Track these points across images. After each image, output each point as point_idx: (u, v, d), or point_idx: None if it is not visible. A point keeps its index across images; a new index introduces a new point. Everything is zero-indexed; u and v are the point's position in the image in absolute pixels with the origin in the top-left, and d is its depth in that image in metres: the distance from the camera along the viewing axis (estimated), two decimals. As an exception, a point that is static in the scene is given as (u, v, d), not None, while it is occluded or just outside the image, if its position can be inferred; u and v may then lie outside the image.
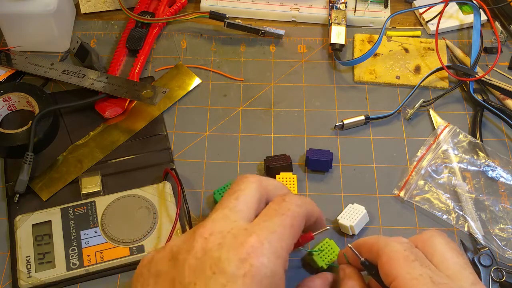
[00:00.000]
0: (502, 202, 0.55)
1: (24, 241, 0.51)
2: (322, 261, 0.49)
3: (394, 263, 0.38)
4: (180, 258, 0.38)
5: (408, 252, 0.39)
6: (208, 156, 0.59)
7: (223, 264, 0.36)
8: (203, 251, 0.38)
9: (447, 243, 0.41)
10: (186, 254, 0.38)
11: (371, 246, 0.41)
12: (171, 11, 0.69)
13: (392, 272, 0.38)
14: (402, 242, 0.40)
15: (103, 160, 0.58)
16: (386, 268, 0.39)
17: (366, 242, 0.42)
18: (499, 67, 0.66)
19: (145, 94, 0.60)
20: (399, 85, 0.65)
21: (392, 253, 0.39)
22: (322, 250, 0.50)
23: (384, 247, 0.40)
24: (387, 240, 0.41)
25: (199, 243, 0.38)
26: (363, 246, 0.43)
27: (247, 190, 0.42)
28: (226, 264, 0.36)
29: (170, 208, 0.53)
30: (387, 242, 0.40)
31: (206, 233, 0.39)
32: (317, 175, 0.57)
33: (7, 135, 0.57)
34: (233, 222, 0.39)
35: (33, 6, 0.61)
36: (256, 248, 0.37)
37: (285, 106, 0.63)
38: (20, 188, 0.54)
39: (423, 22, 0.70)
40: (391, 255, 0.39)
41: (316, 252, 0.50)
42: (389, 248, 0.40)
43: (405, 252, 0.39)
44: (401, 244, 0.40)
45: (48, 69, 0.63)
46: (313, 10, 0.71)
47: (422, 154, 0.58)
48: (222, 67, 0.66)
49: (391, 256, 0.39)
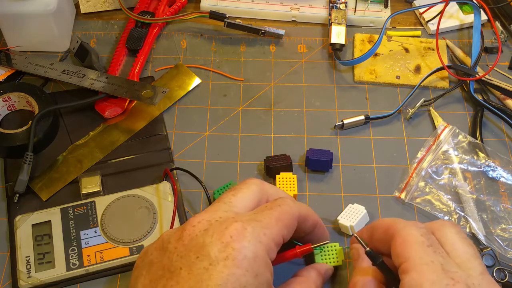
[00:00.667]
0: (503, 202, 0.55)
1: (24, 241, 0.51)
2: (321, 261, 0.49)
3: (408, 246, 0.39)
4: (170, 246, 0.40)
5: (424, 238, 0.39)
6: (208, 156, 0.59)
7: (206, 248, 0.38)
8: (189, 238, 0.39)
9: (458, 233, 0.41)
10: (175, 242, 0.40)
11: (387, 228, 0.42)
12: (171, 11, 0.69)
13: (405, 254, 0.38)
14: (419, 227, 0.40)
15: (103, 160, 0.58)
16: (399, 249, 0.39)
17: (381, 224, 0.43)
18: (500, 67, 0.66)
19: (145, 94, 0.60)
20: (399, 85, 0.65)
21: (408, 236, 0.39)
22: (322, 249, 0.50)
23: (401, 229, 0.40)
24: (405, 223, 0.41)
25: (187, 231, 0.40)
26: (378, 227, 0.43)
27: (246, 190, 0.44)
28: (209, 248, 0.38)
29: (170, 208, 0.53)
30: (405, 225, 0.41)
31: (195, 221, 0.40)
32: (317, 175, 0.57)
33: (7, 135, 0.57)
34: (224, 212, 0.41)
35: (33, 6, 0.61)
36: (238, 232, 0.38)
37: (285, 106, 0.63)
38: (20, 188, 0.54)
39: (423, 22, 0.70)
40: (407, 237, 0.39)
41: (317, 250, 0.50)
42: (405, 231, 0.40)
43: (421, 237, 0.39)
44: (418, 229, 0.40)
45: (48, 69, 0.63)
46: (313, 10, 0.70)
47: (422, 155, 0.58)
48: (222, 67, 0.66)
49: (407, 238, 0.39)
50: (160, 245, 0.41)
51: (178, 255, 0.39)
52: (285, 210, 0.42)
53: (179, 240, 0.40)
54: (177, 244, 0.39)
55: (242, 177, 0.57)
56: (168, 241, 0.40)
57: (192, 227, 0.40)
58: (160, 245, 0.41)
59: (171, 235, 0.41)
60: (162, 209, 0.53)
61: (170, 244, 0.40)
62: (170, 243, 0.40)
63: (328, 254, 0.50)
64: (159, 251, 0.41)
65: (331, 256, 0.50)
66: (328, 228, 0.53)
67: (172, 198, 0.54)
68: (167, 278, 0.38)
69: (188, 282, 0.37)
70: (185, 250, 0.39)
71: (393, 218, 0.43)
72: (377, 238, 0.43)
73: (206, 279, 0.37)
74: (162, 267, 0.39)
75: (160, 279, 0.39)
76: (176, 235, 0.40)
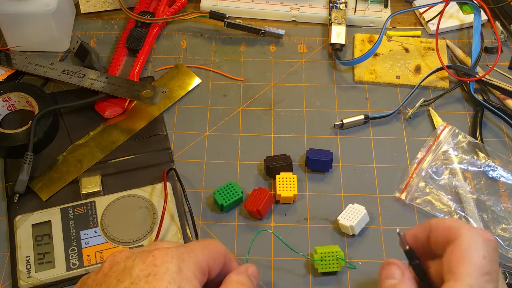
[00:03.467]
0: (503, 202, 0.55)
1: (24, 241, 0.51)
2: (321, 266, 0.50)
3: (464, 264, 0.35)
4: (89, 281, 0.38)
5: (486, 261, 0.35)
6: (208, 156, 0.59)
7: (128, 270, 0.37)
8: (109, 266, 0.38)
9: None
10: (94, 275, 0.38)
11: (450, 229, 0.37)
12: (171, 11, 0.69)
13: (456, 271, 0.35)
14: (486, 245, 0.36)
15: (103, 160, 0.58)
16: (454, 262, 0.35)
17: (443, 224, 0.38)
18: (500, 67, 0.66)
19: (145, 94, 0.60)
20: (399, 85, 0.64)
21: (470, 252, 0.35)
22: (323, 260, 0.50)
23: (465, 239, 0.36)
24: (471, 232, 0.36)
25: (107, 262, 0.38)
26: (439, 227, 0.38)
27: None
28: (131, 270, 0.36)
29: (170, 208, 0.53)
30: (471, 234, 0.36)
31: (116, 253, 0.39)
32: (317, 175, 0.57)
33: (7, 135, 0.57)
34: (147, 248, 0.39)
35: (33, 6, 0.61)
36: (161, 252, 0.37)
37: (285, 106, 0.63)
38: (20, 188, 0.54)
39: (423, 22, 0.70)
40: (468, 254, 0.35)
41: (318, 256, 0.50)
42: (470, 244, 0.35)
43: (483, 260, 0.35)
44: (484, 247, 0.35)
45: (48, 69, 0.63)
46: (313, 10, 0.70)
47: (422, 156, 0.58)
48: (222, 67, 0.66)
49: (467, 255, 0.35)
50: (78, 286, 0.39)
51: (97, 284, 0.37)
52: (213, 243, 0.41)
53: (99, 272, 0.38)
54: (96, 277, 0.38)
55: (242, 177, 0.57)
56: (87, 277, 0.39)
57: (113, 257, 0.39)
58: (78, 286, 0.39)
59: (90, 273, 0.39)
60: (162, 209, 0.53)
61: (89, 279, 0.38)
62: (89, 278, 0.38)
63: (329, 259, 0.50)
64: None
65: (331, 260, 0.50)
66: (328, 228, 0.53)
67: (172, 198, 0.54)
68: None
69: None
70: (104, 277, 0.37)
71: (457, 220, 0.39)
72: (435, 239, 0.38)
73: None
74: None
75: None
76: (95, 271, 0.39)
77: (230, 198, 0.54)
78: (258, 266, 0.43)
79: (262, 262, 0.51)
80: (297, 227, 0.54)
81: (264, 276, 0.51)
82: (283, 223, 0.54)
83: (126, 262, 0.37)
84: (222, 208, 0.54)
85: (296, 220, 0.54)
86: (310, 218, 0.54)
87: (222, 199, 0.54)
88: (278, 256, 0.52)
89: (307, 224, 0.54)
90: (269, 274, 0.51)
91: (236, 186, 0.55)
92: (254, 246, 0.51)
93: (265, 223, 0.54)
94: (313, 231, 0.53)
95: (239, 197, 0.54)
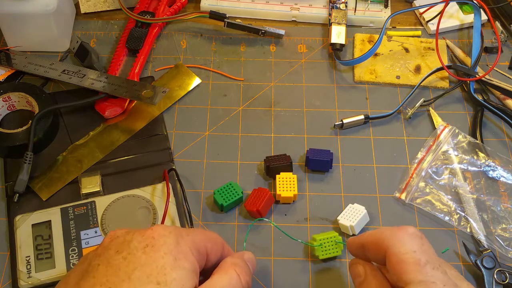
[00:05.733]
0: (503, 202, 0.55)
1: (24, 241, 0.51)
2: (321, 253, 0.50)
3: (404, 267, 0.37)
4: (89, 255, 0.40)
5: (418, 254, 0.37)
6: (208, 156, 0.59)
7: (126, 243, 0.38)
8: (109, 240, 0.39)
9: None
10: (94, 251, 0.40)
11: (377, 243, 0.39)
12: (171, 11, 0.69)
13: (403, 278, 0.36)
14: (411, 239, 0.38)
15: (103, 160, 0.58)
16: (397, 271, 0.37)
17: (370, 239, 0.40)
18: (500, 67, 0.66)
19: (145, 94, 0.60)
20: (399, 85, 0.64)
21: (402, 255, 0.37)
22: (322, 244, 0.50)
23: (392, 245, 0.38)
24: (392, 233, 0.39)
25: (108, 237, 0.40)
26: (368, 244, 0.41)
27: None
28: (129, 242, 0.38)
29: (170, 208, 0.53)
30: (394, 237, 0.38)
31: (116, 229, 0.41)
32: (317, 175, 0.57)
33: (7, 135, 0.57)
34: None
35: (33, 6, 0.61)
36: (160, 228, 0.39)
37: (285, 106, 0.63)
38: (20, 188, 0.54)
39: (423, 22, 0.70)
40: (401, 257, 0.37)
41: (317, 242, 0.50)
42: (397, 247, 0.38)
43: (415, 255, 0.37)
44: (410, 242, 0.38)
45: (48, 69, 0.63)
46: (313, 10, 0.70)
47: (422, 156, 0.58)
48: (222, 67, 0.66)
49: (401, 258, 0.37)
50: (81, 261, 0.41)
51: (97, 255, 0.39)
52: (211, 232, 0.43)
53: (99, 246, 0.40)
54: (96, 251, 0.39)
55: (242, 177, 0.57)
56: (88, 253, 0.40)
57: (113, 232, 0.40)
58: (81, 261, 0.41)
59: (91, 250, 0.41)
60: (162, 209, 0.53)
61: (90, 254, 0.40)
62: (90, 252, 0.40)
63: (328, 244, 0.50)
64: (79, 264, 0.40)
65: (331, 245, 0.50)
66: (328, 228, 0.53)
67: (172, 198, 0.54)
68: (83, 278, 0.37)
69: (106, 274, 0.36)
70: (103, 250, 0.39)
71: (379, 230, 0.40)
72: (372, 256, 0.41)
73: (124, 267, 0.36)
74: (80, 272, 0.39)
75: (77, 282, 0.38)
76: (96, 246, 0.40)
77: (230, 198, 0.54)
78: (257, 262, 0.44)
79: (261, 255, 0.51)
80: (297, 227, 0.54)
81: (263, 271, 0.51)
82: (283, 223, 0.54)
83: (126, 236, 0.39)
84: (222, 208, 0.54)
85: (296, 220, 0.54)
86: (310, 218, 0.54)
87: (222, 199, 0.54)
88: (278, 253, 0.52)
89: (307, 224, 0.54)
90: (268, 266, 0.51)
91: (236, 186, 0.55)
92: (254, 242, 0.51)
93: (265, 224, 0.54)
94: (313, 231, 0.53)
95: (239, 197, 0.54)
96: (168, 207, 0.53)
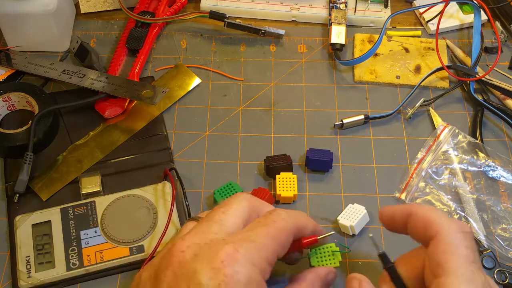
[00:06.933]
0: (503, 202, 0.55)
1: (24, 241, 0.51)
2: (316, 262, 0.48)
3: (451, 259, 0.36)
4: (161, 275, 0.38)
5: (470, 251, 0.37)
6: (208, 156, 0.59)
7: (197, 276, 0.36)
8: (179, 265, 0.38)
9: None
10: (165, 270, 0.38)
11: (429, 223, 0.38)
12: (171, 10, 0.69)
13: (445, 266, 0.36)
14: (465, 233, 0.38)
15: (103, 160, 0.58)
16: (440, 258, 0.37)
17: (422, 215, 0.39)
18: (500, 67, 0.66)
19: (145, 94, 0.60)
20: (399, 85, 0.65)
21: (453, 246, 0.37)
22: (317, 252, 0.49)
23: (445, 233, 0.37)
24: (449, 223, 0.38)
25: (176, 258, 0.38)
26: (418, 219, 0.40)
27: (236, 206, 0.42)
28: (200, 276, 0.36)
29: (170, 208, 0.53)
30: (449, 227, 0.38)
31: (183, 246, 0.39)
32: (317, 175, 0.57)
33: (7, 135, 0.57)
34: (214, 234, 0.39)
35: (33, 6, 0.61)
36: (230, 255, 0.37)
37: (285, 106, 0.63)
38: (20, 188, 0.54)
39: (423, 22, 0.70)
40: (451, 248, 0.37)
41: (313, 251, 0.49)
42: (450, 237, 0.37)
43: (467, 251, 0.37)
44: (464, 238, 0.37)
45: (48, 69, 0.63)
46: (313, 9, 0.70)
47: (422, 156, 0.58)
48: (222, 67, 0.66)
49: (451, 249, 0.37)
50: (152, 274, 0.40)
51: (169, 285, 0.37)
52: (280, 226, 0.41)
53: (168, 267, 0.38)
54: (166, 272, 0.38)
55: (242, 177, 0.57)
56: (159, 269, 0.39)
57: (181, 253, 0.38)
58: (152, 274, 0.40)
59: (160, 262, 0.40)
60: (162, 209, 0.53)
61: (161, 272, 0.39)
62: (161, 270, 0.39)
63: (324, 255, 0.49)
64: (151, 280, 0.39)
65: (326, 257, 0.49)
66: (328, 228, 0.53)
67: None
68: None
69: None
70: (175, 280, 0.37)
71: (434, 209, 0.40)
72: (414, 230, 0.40)
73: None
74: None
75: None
76: (165, 262, 0.39)
77: (230, 198, 0.54)
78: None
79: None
80: (297, 227, 0.54)
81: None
82: (283, 223, 0.54)
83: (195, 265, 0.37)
84: (222, 208, 0.54)
85: (296, 220, 0.54)
86: (310, 218, 0.54)
87: (222, 199, 0.54)
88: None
89: (307, 224, 0.54)
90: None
91: (236, 186, 0.55)
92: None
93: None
94: (313, 231, 0.53)
95: (239, 197, 0.54)
96: (168, 206, 0.53)
